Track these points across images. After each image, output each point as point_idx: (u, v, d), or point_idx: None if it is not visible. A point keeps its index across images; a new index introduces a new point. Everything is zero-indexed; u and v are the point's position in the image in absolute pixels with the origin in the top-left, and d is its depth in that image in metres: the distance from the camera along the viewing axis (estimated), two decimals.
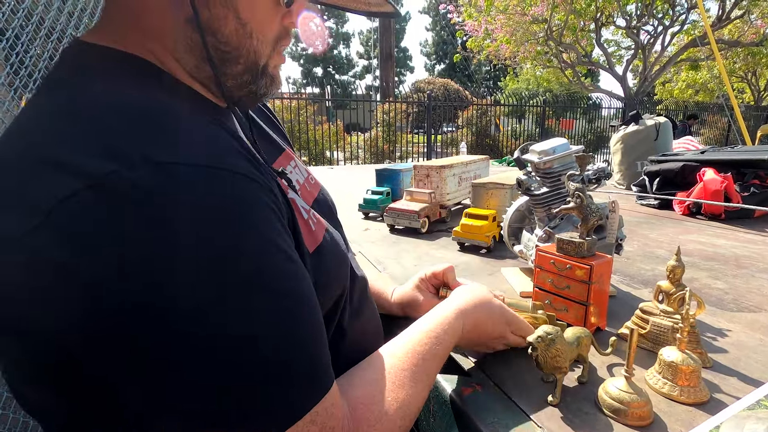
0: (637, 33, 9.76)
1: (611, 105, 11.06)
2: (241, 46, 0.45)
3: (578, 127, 10.75)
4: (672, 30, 9.97)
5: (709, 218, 1.61)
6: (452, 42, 28.11)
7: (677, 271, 0.70)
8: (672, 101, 14.14)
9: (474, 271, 1.11)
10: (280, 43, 0.50)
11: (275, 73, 0.51)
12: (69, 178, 0.31)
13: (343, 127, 7.42)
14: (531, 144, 1.01)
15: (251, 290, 0.34)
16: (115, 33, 0.43)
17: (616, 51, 12.08)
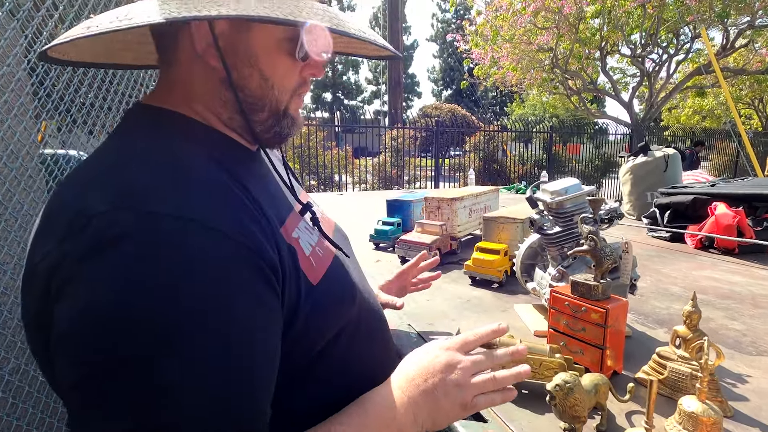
0: (642, 61, 9.91)
1: (617, 131, 11.13)
2: (264, 96, 0.54)
3: (585, 153, 10.77)
4: (677, 58, 10.10)
5: (722, 252, 1.60)
6: (459, 69, 28.67)
7: (694, 316, 0.70)
8: (679, 127, 14.17)
9: (487, 307, 1.11)
10: (298, 90, 0.57)
11: (296, 114, 0.59)
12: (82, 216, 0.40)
13: (352, 151, 7.52)
14: (543, 182, 1.03)
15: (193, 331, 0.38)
16: (167, 96, 0.53)
17: (621, 78, 12.23)
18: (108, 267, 0.37)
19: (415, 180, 7.84)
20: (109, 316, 0.37)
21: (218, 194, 0.45)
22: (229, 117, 0.54)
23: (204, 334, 0.39)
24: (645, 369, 0.76)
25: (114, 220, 0.39)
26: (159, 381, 0.37)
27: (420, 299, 1.18)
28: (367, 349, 0.60)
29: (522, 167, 9.35)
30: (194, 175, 0.46)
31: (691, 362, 0.70)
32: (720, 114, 13.58)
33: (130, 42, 0.61)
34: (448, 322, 1.03)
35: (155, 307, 0.37)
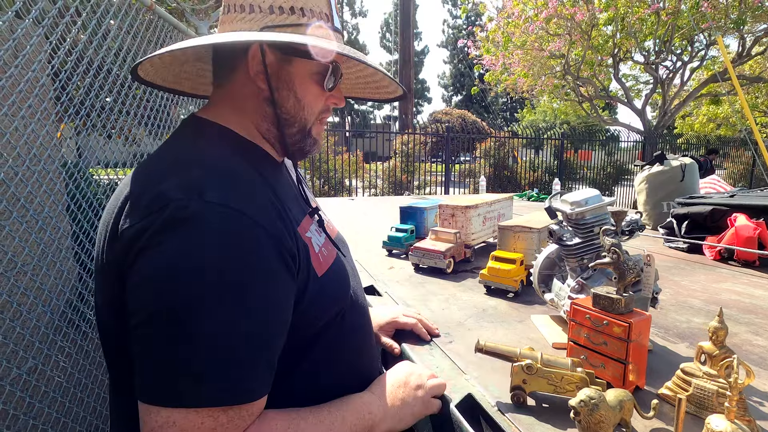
0: (655, 68, 9.82)
1: (629, 138, 11.02)
2: (296, 115, 0.68)
3: (597, 160, 10.68)
4: (691, 65, 10.00)
5: (742, 265, 1.57)
6: (469, 74, 28.68)
7: (720, 333, 0.69)
8: (693, 135, 13.99)
9: (503, 317, 1.10)
10: (322, 114, 0.72)
11: (318, 137, 0.73)
12: (162, 199, 0.53)
13: (362, 156, 7.55)
14: (561, 192, 1.02)
15: (226, 296, 0.51)
16: (218, 111, 0.68)
17: (634, 85, 12.13)
18: (179, 238, 0.50)
19: (425, 186, 7.83)
20: (170, 273, 0.50)
21: (254, 193, 0.58)
22: (267, 129, 0.68)
23: (240, 289, 0.51)
24: (669, 385, 0.75)
25: (185, 206, 0.51)
26: (207, 324, 0.50)
27: (435, 308, 1.17)
28: (353, 336, 0.74)
29: (533, 174, 9.30)
30: (237, 176, 0.58)
31: (718, 379, 0.68)
32: (735, 122, 13.38)
33: (190, 72, 0.77)
34: (464, 331, 1.02)
35: (206, 268, 0.50)
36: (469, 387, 0.78)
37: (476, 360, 0.87)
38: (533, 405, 0.73)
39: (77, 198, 1.76)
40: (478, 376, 0.81)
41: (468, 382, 0.80)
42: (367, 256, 1.72)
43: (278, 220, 0.57)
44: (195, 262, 0.50)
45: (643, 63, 10.16)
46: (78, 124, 1.90)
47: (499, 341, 0.97)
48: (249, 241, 0.53)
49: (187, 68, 0.74)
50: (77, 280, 1.80)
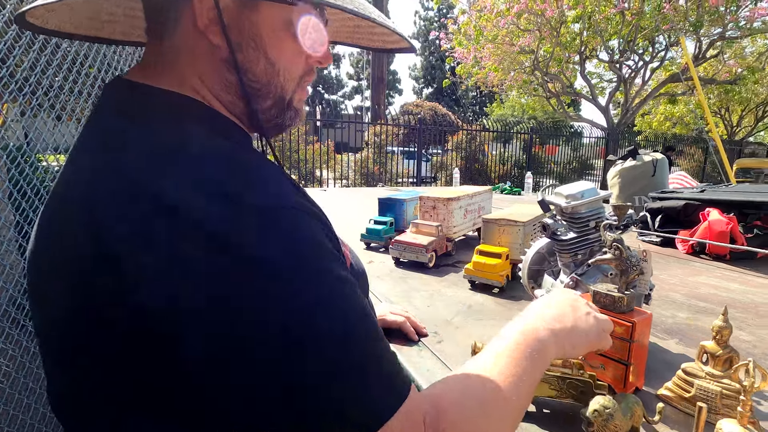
0: (619, 67, 10.15)
1: (592, 134, 11.41)
2: (270, 83, 0.51)
3: (561, 154, 10.99)
4: (652, 65, 10.40)
5: (713, 258, 1.61)
6: (441, 67, 28.79)
7: (725, 332, 0.67)
8: (651, 132, 14.65)
9: (491, 314, 1.06)
10: (304, 78, 0.55)
11: (299, 106, 0.57)
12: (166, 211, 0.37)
13: (334, 146, 7.41)
14: (555, 186, 0.98)
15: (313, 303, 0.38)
16: (162, 73, 0.48)
17: (598, 83, 12.52)
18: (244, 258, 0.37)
19: (397, 177, 7.79)
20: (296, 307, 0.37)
21: (278, 179, 0.44)
22: (231, 101, 0.50)
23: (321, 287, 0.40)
24: (669, 386, 0.72)
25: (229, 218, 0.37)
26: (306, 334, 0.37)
27: (420, 305, 1.12)
28: None
29: (502, 167, 9.45)
30: (255, 166, 0.44)
31: (721, 380, 0.66)
32: (689, 121, 14.12)
33: (116, 14, 0.56)
34: (452, 330, 0.97)
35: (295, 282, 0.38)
36: None
37: (467, 360, 0.82)
38: (533, 411, 0.69)
39: (21, 185, 1.58)
40: None
41: None
42: None
43: (308, 202, 0.46)
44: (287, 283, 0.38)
45: (607, 61, 10.48)
46: (22, 103, 1.70)
47: (489, 338, 0.92)
48: (315, 234, 0.42)
49: (109, 7, 0.54)
50: (21, 275, 1.63)
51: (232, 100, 0.50)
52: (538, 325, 0.56)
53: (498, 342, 0.53)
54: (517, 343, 0.51)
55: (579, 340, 0.58)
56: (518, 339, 0.52)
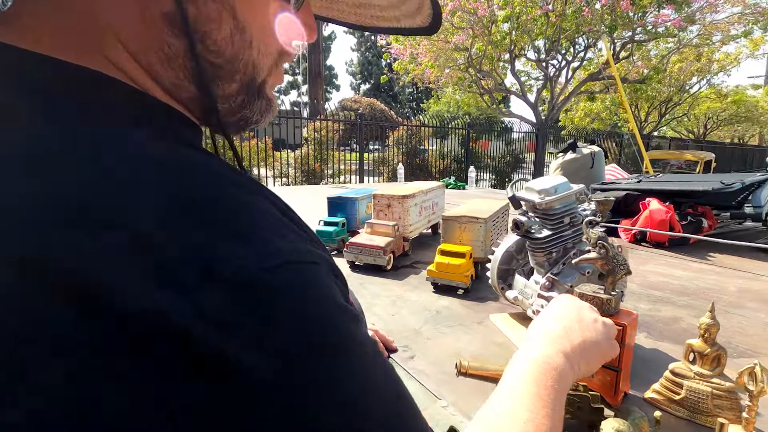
0: (545, 66, 10.77)
1: (521, 129, 12.06)
2: (237, 57, 0.34)
3: (494, 149, 11.46)
4: (573, 65, 11.16)
5: (653, 246, 1.68)
6: (377, 63, 28.86)
7: (713, 330, 0.64)
8: (573, 128, 15.77)
9: (460, 320, 0.99)
10: (282, 57, 0.39)
11: (272, 95, 0.41)
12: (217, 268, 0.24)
13: (272, 143, 7.07)
14: (523, 181, 0.93)
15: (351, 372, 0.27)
16: (46, 29, 0.29)
17: (527, 81, 13.20)
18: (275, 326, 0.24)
19: (339, 174, 7.63)
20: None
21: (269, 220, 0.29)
22: (174, 83, 0.33)
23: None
24: (656, 388, 0.69)
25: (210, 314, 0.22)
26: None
27: (383, 314, 1.02)
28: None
29: (442, 162, 9.64)
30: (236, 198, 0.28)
31: (711, 380, 0.63)
32: (606, 117, 15.42)
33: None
34: (423, 342, 0.88)
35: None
36: (448, 417, 0.64)
37: (447, 378, 0.74)
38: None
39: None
40: (455, 401, 0.68)
41: (446, 410, 0.66)
42: None
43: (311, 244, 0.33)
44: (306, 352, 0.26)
45: (534, 60, 11.09)
46: None
47: (464, 349, 0.85)
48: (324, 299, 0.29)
49: None
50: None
51: (176, 81, 0.33)
52: (550, 351, 0.48)
53: (516, 382, 0.44)
54: (537, 384, 0.43)
55: (593, 356, 0.52)
56: (538, 378, 0.44)
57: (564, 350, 0.48)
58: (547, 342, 0.49)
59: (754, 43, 12.53)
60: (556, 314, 0.55)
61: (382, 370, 0.29)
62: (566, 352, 0.48)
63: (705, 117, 18.79)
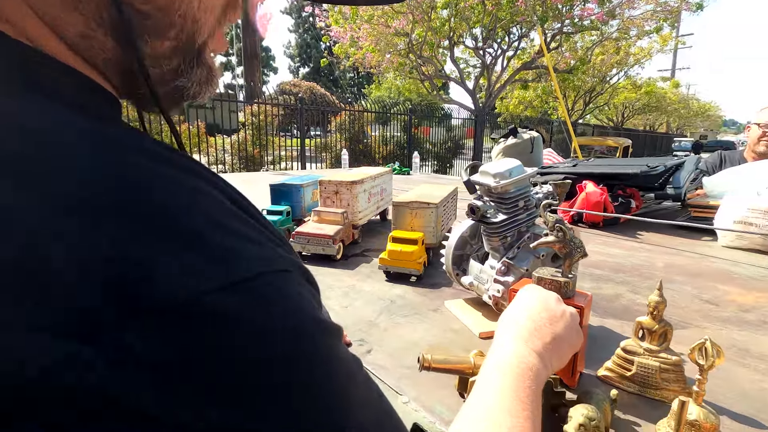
0: (483, 54, 11.08)
1: (460, 115, 12.40)
2: (172, 6, 0.27)
3: (437, 135, 11.68)
4: (508, 54, 11.59)
5: (589, 226, 1.78)
6: (316, 46, 28.05)
7: (661, 306, 0.66)
8: (508, 114, 16.48)
9: (416, 308, 0.97)
10: (227, 15, 0.33)
11: (213, 63, 0.34)
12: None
13: (205, 128, 6.62)
14: (477, 164, 0.91)
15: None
16: None
17: (465, 68, 13.51)
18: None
19: (280, 161, 7.36)
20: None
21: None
22: (85, 34, 0.25)
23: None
24: (609, 365, 0.71)
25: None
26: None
27: (336, 306, 0.97)
28: None
29: (385, 147, 9.64)
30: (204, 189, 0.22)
31: (659, 355, 0.66)
32: (537, 105, 16.28)
33: None
34: (380, 334, 0.84)
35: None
36: (410, 414, 0.61)
37: (409, 372, 0.70)
38: None
39: None
40: (417, 396, 0.65)
41: (408, 406, 0.63)
42: None
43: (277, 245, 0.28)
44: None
45: (472, 48, 11.36)
46: None
47: (422, 338, 0.82)
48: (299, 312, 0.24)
49: None
50: None
51: (88, 31, 0.25)
52: (524, 351, 0.46)
53: (494, 386, 0.41)
54: (516, 387, 0.41)
55: (563, 350, 0.51)
56: (516, 381, 0.41)
57: (537, 349, 0.47)
58: (520, 342, 0.48)
59: (663, 39, 13.76)
60: (525, 309, 0.53)
61: (369, 394, 0.25)
62: (539, 351, 0.47)
63: (623, 106, 20.51)
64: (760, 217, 1.42)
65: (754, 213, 1.43)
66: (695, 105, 26.24)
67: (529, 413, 0.37)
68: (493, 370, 0.43)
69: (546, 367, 0.46)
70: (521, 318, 0.52)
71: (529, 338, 0.48)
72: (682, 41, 18.50)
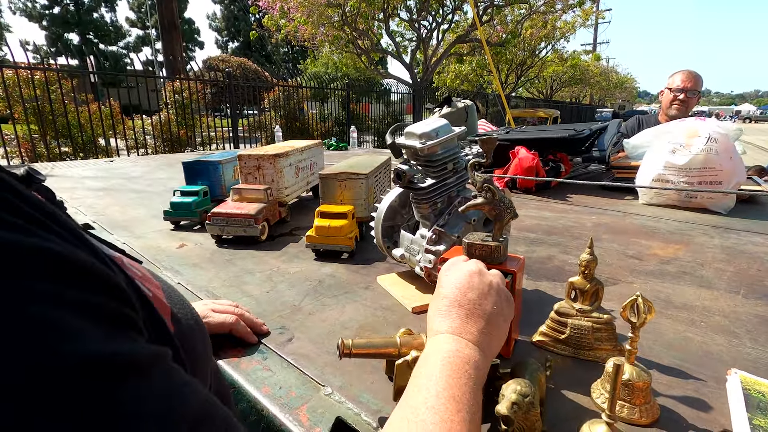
0: (418, 27, 10.97)
1: (399, 90, 12.33)
2: None
3: (377, 111, 11.54)
4: (443, 27, 11.59)
5: (524, 192, 1.79)
6: (245, 18, 26.35)
7: (592, 265, 0.63)
8: (446, 89, 16.66)
9: (346, 287, 0.89)
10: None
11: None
12: None
13: (120, 108, 5.97)
14: (402, 125, 0.83)
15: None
16: None
17: (402, 41, 13.36)
18: None
19: (211, 143, 6.88)
20: None
21: None
22: None
23: None
24: (543, 330, 0.68)
25: None
26: None
27: (257, 292, 0.87)
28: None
29: (323, 125, 9.36)
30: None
31: (591, 315, 0.63)
32: (473, 78, 16.59)
33: None
34: (303, 318, 0.76)
35: None
36: (334, 407, 0.54)
37: (332, 360, 0.63)
38: None
39: None
40: (342, 385, 0.57)
41: (331, 398, 0.55)
42: (143, 235, 1.23)
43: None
44: None
45: (407, 20, 11.21)
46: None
47: (350, 320, 0.75)
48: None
49: None
50: None
51: None
52: (459, 345, 0.42)
53: (428, 386, 0.37)
54: (451, 385, 0.37)
55: (499, 328, 0.48)
56: (451, 378, 0.37)
57: (473, 339, 0.43)
58: (453, 337, 0.43)
59: (585, 14, 14.44)
60: (451, 297, 0.48)
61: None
62: (476, 341, 0.43)
63: (551, 79, 21.48)
64: (675, 173, 1.49)
65: (669, 170, 1.50)
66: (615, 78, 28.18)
67: (465, 414, 0.34)
68: (429, 368, 0.39)
69: (486, 356, 0.43)
70: (450, 308, 0.47)
71: (463, 328, 0.44)
72: (602, 15, 19.58)
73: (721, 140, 1.44)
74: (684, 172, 1.47)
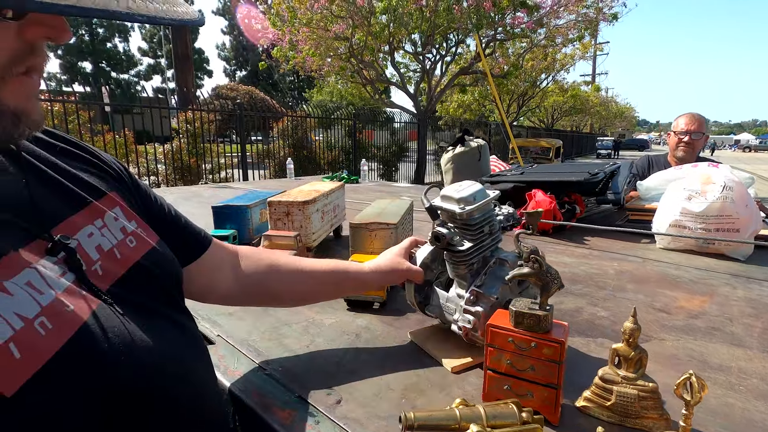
0: (422, 59, 11.30)
1: (402, 119, 12.60)
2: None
3: (381, 139, 11.75)
4: (447, 59, 11.93)
5: (540, 234, 1.82)
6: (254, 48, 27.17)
7: (636, 333, 0.65)
8: (449, 118, 16.99)
9: (383, 342, 0.91)
10: (18, 64, 0.38)
11: (24, 106, 0.39)
12: None
13: (134, 136, 6.11)
14: (435, 186, 0.87)
15: None
16: None
17: (406, 72, 13.73)
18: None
19: (220, 170, 6.99)
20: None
21: None
22: None
23: None
24: (587, 395, 0.69)
25: None
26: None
27: (297, 347, 0.88)
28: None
29: (330, 153, 9.51)
30: None
31: (636, 382, 0.65)
32: (475, 108, 16.95)
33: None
34: (347, 377, 0.77)
35: None
36: None
37: (383, 426, 0.64)
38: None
39: None
40: None
41: None
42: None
43: None
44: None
45: (412, 53, 11.56)
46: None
47: (393, 380, 0.77)
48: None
49: None
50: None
51: None
52: None
53: None
54: None
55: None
56: None
57: None
58: None
59: (584, 47, 14.87)
60: None
61: None
62: None
63: (552, 108, 21.91)
64: (692, 220, 1.52)
65: (686, 216, 1.53)
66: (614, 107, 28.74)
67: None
68: None
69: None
70: None
71: None
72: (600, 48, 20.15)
73: (737, 188, 1.48)
74: (701, 219, 1.50)
